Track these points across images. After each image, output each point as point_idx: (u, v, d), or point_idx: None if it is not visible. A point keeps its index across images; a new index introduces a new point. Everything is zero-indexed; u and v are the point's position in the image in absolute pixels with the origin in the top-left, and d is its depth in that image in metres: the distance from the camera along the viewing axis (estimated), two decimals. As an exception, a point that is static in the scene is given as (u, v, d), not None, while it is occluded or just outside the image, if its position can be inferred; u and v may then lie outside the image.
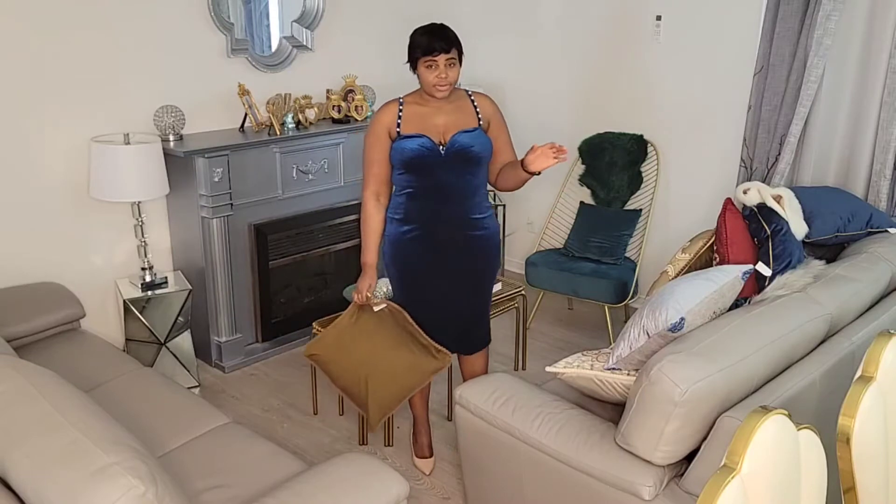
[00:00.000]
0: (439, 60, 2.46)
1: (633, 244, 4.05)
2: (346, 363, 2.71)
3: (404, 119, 2.56)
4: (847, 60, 3.30)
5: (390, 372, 2.65)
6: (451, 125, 2.56)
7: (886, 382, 1.44)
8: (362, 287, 2.65)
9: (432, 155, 2.53)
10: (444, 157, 2.54)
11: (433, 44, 2.45)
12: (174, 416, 2.38)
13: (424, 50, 2.46)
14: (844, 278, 2.46)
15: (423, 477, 2.89)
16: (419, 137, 2.53)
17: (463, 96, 2.63)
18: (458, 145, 2.54)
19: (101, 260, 3.47)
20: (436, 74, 2.47)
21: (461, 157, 2.55)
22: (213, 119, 3.71)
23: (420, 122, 2.56)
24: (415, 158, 2.53)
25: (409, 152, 2.53)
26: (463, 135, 2.55)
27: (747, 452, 1.12)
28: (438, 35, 2.47)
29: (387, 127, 2.57)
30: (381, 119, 2.58)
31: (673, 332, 2.02)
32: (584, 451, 2.01)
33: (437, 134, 2.55)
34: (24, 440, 1.49)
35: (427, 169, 2.55)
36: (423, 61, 2.48)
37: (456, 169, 2.56)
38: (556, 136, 4.42)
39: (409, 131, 2.55)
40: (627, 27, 4.12)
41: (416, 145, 2.53)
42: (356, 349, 2.68)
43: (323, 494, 1.85)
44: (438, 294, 2.67)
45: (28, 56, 3.07)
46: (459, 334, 2.75)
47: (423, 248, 2.63)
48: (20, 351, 2.66)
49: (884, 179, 3.23)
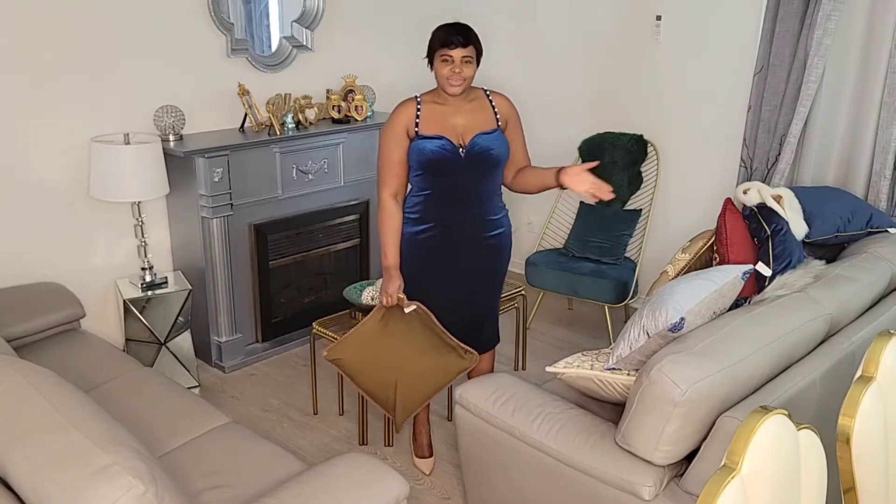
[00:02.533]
0: (455, 55, 2.42)
1: (633, 244, 4.05)
2: (373, 366, 2.64)
3: (423, 118, 2.52)
4: (847, 60, 3.30)
5: (419, 374, 2.62)
6: (469, 126, 2.53)
7: (886, 382, 1.44)
8: (391, 290, 2.52)
9: (452, 157, 2.50)
10: (464, 160, 2.51)
11: (451, 36, 2.42)
12: (174, 416, 2.38)
13: (442, 42, 2.43)
14: (844, 278, 2.46)
15: (423, 477, 2.89)
16: (438, 139, 2.50)
17: (481, 96, 2.60)
18: (478, 148, 2.51)
19: (101, 260, 3.47)
20: (450, 68, 2.43)
21: (481, 160, 2.53)
22: (213, 119, 3.71)
23: (439, 122, 2.51)
24: (434, 160, 2.50)
25: (428, 154, 2.49)
26: (482, 137, 2.52)
27: (747, 452, 1.12)
28: (458, 30, 2.44)
29: (405, 126, 2.52)
30: (400, 118, 2.52)
31: (673, 332, 2.02)
32: (584, 451, 2.01)
33: (456, 135, 2.51)
34: (24, 440, 1.49)
35: (447, 171, 2.52)
36: (439, 54, 2.44)
37: (476, 171, 2.54)
38: (555, 135, 4.44)
39: (428, 131, 2.50)
40: (627, 27, 4.12)
41: (436, 147, 2.49)
42: (385, 352, 2.61)
43: (323, 494, 1.85)
44: (450, 294, 2.66)
45: (28, 56, 3.07)
46: (470, 334, 2.74)
47: (438, 249, 2.60)
48: (20, 351, 2.66)
49: (884, 179, 3.23)
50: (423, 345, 2.61)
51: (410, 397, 2.65)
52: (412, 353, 2.61)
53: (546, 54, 4.54)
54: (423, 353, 2.61)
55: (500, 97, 2.63)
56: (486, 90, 2.63)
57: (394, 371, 2.62)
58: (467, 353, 2.63)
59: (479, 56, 2.52)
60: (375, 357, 2.62)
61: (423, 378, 2.64)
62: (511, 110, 2.63)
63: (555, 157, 4.44)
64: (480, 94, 2.61)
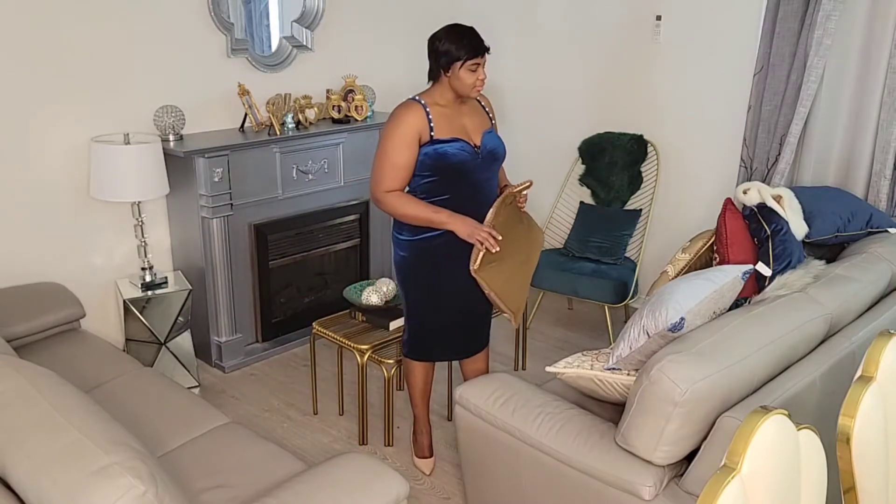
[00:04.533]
0: (482, 62, 2.46)
1: (633, 244, 4.05)
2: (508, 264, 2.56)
3: (436, 122, 2.49)
4: (847, 61, 3.30)
5: (528, 251, 2.68)
6: (474, 126, 2.57)
7: (886, 382, 1.44)
8: (477, 227, 2.44)
9: (472, 158, 2.52)
10: (480, 160, 2.55)
11: (480, 46, 2.44)
12: (174, 416, 2.38)
13: (473, 52, 2.43)
14: (844, 278, 2.46)
15: (423, 477, 2.89)
16: (456, 141, 2.49)
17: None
18: (489, 146, 2.57)
19: (101, 260, 3.47)
20: (476, 76, 2.46)
21: (492, 158, 2.58)
22: (213, 119, 3.71)
23: (449, 124, 2.51)
24: (457, 164, 2.49)
25: (451, 157, 2.47)
26: (488, 136, 2.58)
27: (747, 452, 1.12)
28: (479, 37, 2.46)
29: (418, 131, 2.46)
30: (411, 122, 2.46)
31: (673, 332, 2.02)
32: (584, 451, 2.01)
33: (467, 136, 2.54)
34: (24, 440, 1.49)
35: (467, 172, 2.52)
36: (469, 63, 2.43)
37: (488, 170, 2.59)
38: (556, 135, 4.44)
39: (444, 135, 2.48)
40: (627, 27, 4.12)
41: (457, 149, 2.49)
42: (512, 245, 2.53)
43: (323, 494, 1.85)
44: (454, 297, 2.64)
45: (28, 56, 3.07)
46: (467, 336, 2.74)
47: (451, 252, 2.55)
48: (20, 351, 2.66)
49: (884, 179, 3.23)
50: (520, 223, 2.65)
51: (527, 278, 2.73)
52: (521, 233, 2.63)
53: (546, 54, 4.54)
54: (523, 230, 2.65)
55: (485, 98, 2.69)
56: None
57: (519, 260, 2.62)
58: (537, 227, 2.76)
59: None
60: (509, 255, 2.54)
61: (531, 256, 2.71)
62: (492, 109, 2.70)
63: (555, 157, 4.46)
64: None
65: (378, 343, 2.94)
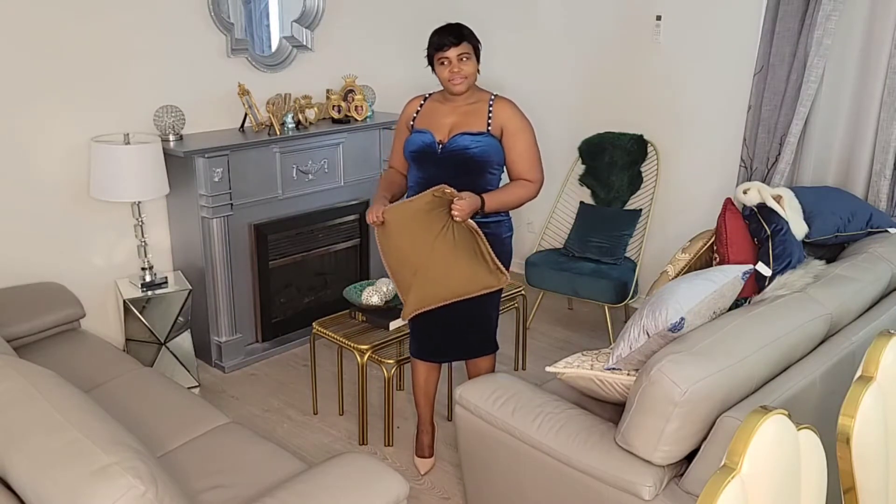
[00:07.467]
0: (450, 55, 2.49)
1: (633, 244, 4.05)
2: (405, 243, 2.58)
3: (421, 114, 2.67)
4: (847, 60, 3.30)
5: (444, 271, 2.56)
6: (456, 125, 2.57)
7: (886, 382, 1.44)
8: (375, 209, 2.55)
9: (430, 151, 2.58)
10: (439, 155, 2.57)
11: (443, 39, 2.50)
12: (174, 416, 2.38)
13: (436, 46, 2.52)
14: (844, 278, 2.46)
15: (423, 477, 2.89)
16: (424, 133, 2.61)
17: (482, 99, 2.59)
18: (454, 145, 2.54)
19: (101, 260, 3.47)
20: (449, 69, 2.52)
21: (457, 158, 2.54)
22: (213, 119, 3.71)
23: (430, 118, 2.63)
24: (414, 152, 2.62)
25: (411, 145, 2.63)
26: (464, 136, 2.54)
27: (747, 452, 1.12)
28: (448, 31, 2.51)
29: (407, 118, 2.70)
30: (406, 110, 2.73)
31: (673, 332, 2.02)
32: (584, 451, 2.01)
33: (442, 132, 2.58)
34: (24, 440, 1.49)
35: (423, 163, 2.60)
36: (437, 58, 2.53)
37: (449, 169, 2.55)
38: (556, 135, 4.44)
39: (420, 126, 2.64)
40: (627, 27, 4.12)
41: (419, 140, 2.60)
42: (421, 236, 2.54)
43: (323, 494, 1.85)
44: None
45: (28, 56, 3.07)
46: (454, 340, 2.72)
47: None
48: (20, 351, 2.66)
49: (884, 179, 3.23)
50: (460, 246, 2.54)
51: (427, 291, 2.58)
52: (447, 248, 2.53)
53: (546, 54, 4.54)
54: (456, 250, 2.53)
55: (504, 103, 2.58)
56: (493, 95, 2.60)
57: (423, 257, 2.55)
58: (499, 271, 2.57)
59: (478, 51, 2.56)
60: (411, 237, 2.55)
61: (447, 278, 2.56)
62: (512, 118, 2.56)
63: (555, 157, 4.46)
64: (485, 97, 2.59)
65: (378, 343, 2.94)
